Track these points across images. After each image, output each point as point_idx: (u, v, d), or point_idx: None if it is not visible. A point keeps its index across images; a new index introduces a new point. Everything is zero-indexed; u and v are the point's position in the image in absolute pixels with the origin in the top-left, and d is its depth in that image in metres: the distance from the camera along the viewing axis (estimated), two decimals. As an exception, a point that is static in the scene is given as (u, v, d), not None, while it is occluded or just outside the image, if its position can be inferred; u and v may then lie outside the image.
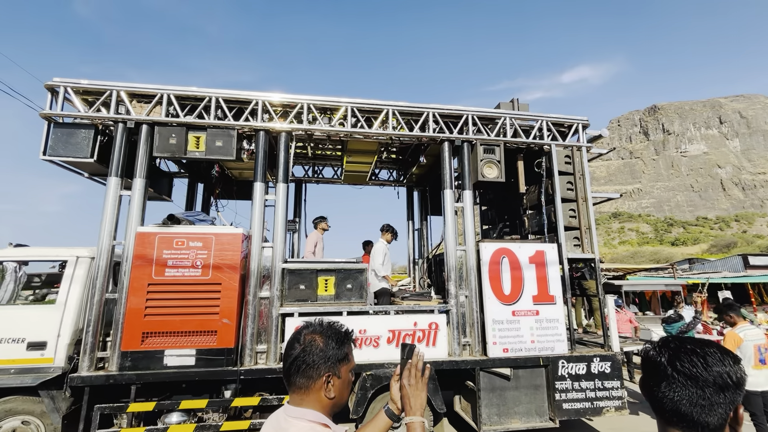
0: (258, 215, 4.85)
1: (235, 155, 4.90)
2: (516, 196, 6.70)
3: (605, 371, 5.04)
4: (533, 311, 5.12)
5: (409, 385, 1.25)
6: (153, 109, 4.83)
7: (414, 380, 1.25)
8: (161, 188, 6.21)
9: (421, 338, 4.86)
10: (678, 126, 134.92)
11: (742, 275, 17.16)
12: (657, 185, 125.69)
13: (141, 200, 4.63)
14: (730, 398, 0.83)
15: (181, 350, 4.21)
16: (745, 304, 14.89)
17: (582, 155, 5.85)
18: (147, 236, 4.42)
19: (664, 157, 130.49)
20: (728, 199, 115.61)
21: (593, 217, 5.69)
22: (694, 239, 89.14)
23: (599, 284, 5.60)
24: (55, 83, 4.65)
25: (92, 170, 5.27)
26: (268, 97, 5.09)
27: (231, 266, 4.50)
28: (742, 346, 4.44)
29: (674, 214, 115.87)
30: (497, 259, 5.19)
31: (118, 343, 4.22)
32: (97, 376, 4.12)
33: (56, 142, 4.63)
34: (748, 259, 20.54)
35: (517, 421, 4.77)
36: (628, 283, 13.85)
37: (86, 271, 4.53)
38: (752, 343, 4.45)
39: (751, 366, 4.38)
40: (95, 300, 4.32)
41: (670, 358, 0.89)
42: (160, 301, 4.30)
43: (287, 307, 4.68)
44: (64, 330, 4.28)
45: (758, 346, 4.45)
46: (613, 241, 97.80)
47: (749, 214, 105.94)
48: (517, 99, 6.32)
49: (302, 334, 1.19)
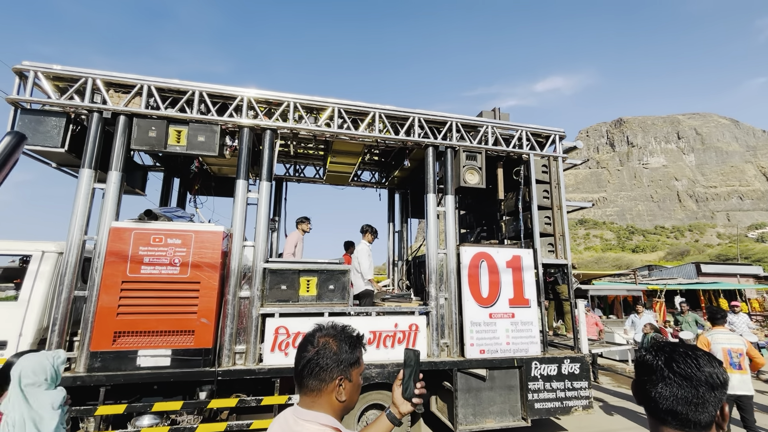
0: (240, 213, 4.76)
1: (217, 151, 4.79)
2: (494, 202, 6.91)
3: (575, 372, 5.29)
4: (509, 314, 5.30)
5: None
6: (132, 99, 4.64)
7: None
8: (134, 182, 5.97)
9: (401, 339, 4.92)
10: (641, 139, 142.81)
11: (695, 282, 18.38)
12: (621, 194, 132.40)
13: (116, 194, 4.44)
14: (719, 397, 0.93)
15: (156, 350, 4.07)
16: (696, 309, 15.96)
17: (558, 165, 6.12)
18: (122, 232, 4.24)
19: (628, 168, 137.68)
20: (683, 210, 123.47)
21: (567, 225, 5.96)
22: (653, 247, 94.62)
23: (571, 289, 5.87)
24: (24, 67, 4.38)
25: (61, 160, 5.00)
26: (254, 93, 5.00)
27: (211, 265, 4.39)
28: (711, 349, 4.63)
29: (635, 222, 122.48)
30: (476, 262, 5.34)
31: (86, 342, 4.02)
32: (63, 377, 3.90)
33: (23, 129, 4.34)
34: (701, 267, 22.05)
35: (491, 421, 4.92)
36: (593, 287, 14.54)
37: (52, 267, 4.29)
38: (720, 347, 4.62)
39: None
40: (63, 297, 4.09)
41: (667, 361, 0.98)
42: (135, 299, 4.14)
43: (268, 307, 4.61)
44: (26, 329, 4.03)
45: (728, 350, 4.60)
46: (579, 247, 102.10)
47: (701, 225, 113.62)
48: (498, 108, 6.53)
49: (316, 336, 1.21)
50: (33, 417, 1.80)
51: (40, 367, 1.91)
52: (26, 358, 1.93)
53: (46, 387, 1.91)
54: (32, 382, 1.85)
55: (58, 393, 1.97)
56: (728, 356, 4.60)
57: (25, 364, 1.89)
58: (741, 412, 4.60)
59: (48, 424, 1.81)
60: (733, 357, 4.60)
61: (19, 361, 1.91)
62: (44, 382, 1.91)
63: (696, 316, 10.08)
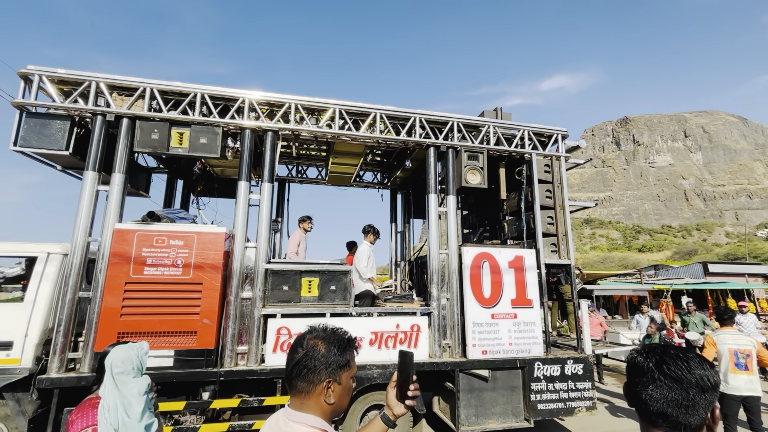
0: (242, 215, 4.78)
1: (219, 153, 4.82)
2: (496, 202, 6.89)
3: (578, 373, 5.26)
4: (511, 314, 5.28)
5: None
6: (135, 102, 4.69)
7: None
8: (139, 184, 6.01)
9: (403, 340, 4.92)
10: (647, 138, 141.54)
11: (702, 282, 18.18)
12: (627, 194, 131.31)
13: (119, 196, 4.48)
14: (709, 399, 0.93)
15: (159, 351, 4.10)
16: (703, 309, 15.79)
17: (561, 165, 6.09)
18: (125, 233, 4.29)
19: (634, 167, 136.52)
20: (691, 209, 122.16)
21: (570, 225, 5.93)
22: (659, 246, 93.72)
23: (574, 289, 5.84)
24: (29, 71, 4.44)
25: (66, 163, 5.05)
26: (255, 95, 5.03)
27: (213, 266, 4.42)
28: (717, 349, 4.58)
29: (641, 221, 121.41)
30: (478, 263, 5.33)
31: (91, 343, 4.07)
32: (68, 377, 3.96)
33: (29, 133, 4.42)
34: (708, 266, 21.81)
35: (494, 422, 4.90)
36: (598, 287, 14.43)
37: (58, 269, 4.34)
38: (726, 347, 4.54)
39: (729, 371, 4.46)
40: (67, 298, 4.14)
41: (658, 363, 0.97)
42: (138, 300, 4.17)
43: (270, 308, 4.63)
44: (32, 329, 4.08)
45: (734, 350, 4.51)
46: (585, 247, 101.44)
47: (709, 224, 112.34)
48: (500, 108, 6.51)
49: (305, 338, 1.22)
50: (123, 402, 2.00)
51: (127, 357, 2.09)
52: (116, 349, 2.12)
53: (133, 375, 2.09)
54: (121, 370, 2.04)
55: (144, 380, 2.14)
56: (734, 357, 4.52)
57: (115, 355, 2.08)
58: (748, 413, 4.53)
59: (135, 409, 2.00)
60: (740, 358, 4.51)
61: (112, 352, 2.10)
62: (131, 371, 2.08)
63: (703, 317, 9.97)
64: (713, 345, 4.65)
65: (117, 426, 1.93)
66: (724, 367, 4.54)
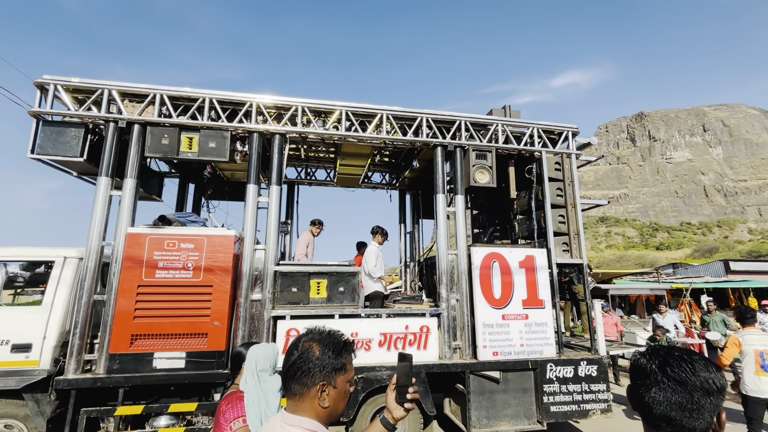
0: (251, 217, 4.83)
1: (228, 157, 4.88)
2: (506, 201, 6.80)
3: (592, 374, 5.15)
4: (523, 315, 5.20)
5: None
6: (145, 108, 4.79)
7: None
8: (151, 188, 6.14)
9: (412, 341, 4.89)
10: (664, 133, 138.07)
11: (723, 280, 17.63)
12: (643, 191, 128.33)
13: (132, 201, 4.57)
14: (715, 403, 0.88)
15: (171, 353, 4.17)
16: (725, 308, 15.30)
17: (572, 162, 5.97)
18: (137, 237, 4.37)
19: (650, 163, 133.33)
20: (711, 205, 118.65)
21: (582, 223, 5.81)
22: (678, 244, 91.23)
23: (587, 289, 5.72)
24: (44, 80, 4.57)
25: (81, 169, 5.18)
26: (262, 99, 5.08)
27: (223, 268, 4.47)
28: (742, 350, 4.39)
29: (659, 219, 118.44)
30: (488, 263, 5.26)
31: (106, 345, 4.16)
32: (84, 378, 4.05)
33: (45, 141, 4.55)
34: (729, 264, 21.13)
35: (505, 424, 4.83)
36: (614, 287, 14.13)
37: (74, 272, 4.45)
38: (752, 348, 4.35)
39: (752, 372, 4.27)
40: (83, 301, 4.24)
41: (661, 365, 0.94)
42: (150, 303, 4.25)
43: (279, 309, 4.67)
44: (50, 332, 4.20)
45: (760, 351, 4.30)
46: (600, 245, 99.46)
47: (731, 220, 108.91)
48: (509, 106, 6.43)
49: (301, 340, 1.21)
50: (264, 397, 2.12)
51: (268, 354, 2.22)
52: (258, 348, 2.23)
53: (270, 373, 2.20)
54: (263, 368, 2.16)
55: (278, 379, 2.24)
56: (760, 358, 4.31)
57: (259, 353, 2.20)
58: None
59: (273, 404, 2.10)
60: (766, 359, 4.30)
61: (254, 350, 2.21)
62: (270, 369, 2.20)
63: (723, 316, 9.64)
64: (737, 345, 4.47)
65: (261, 418, 2.04)
66: (749, 368, 4.36)
